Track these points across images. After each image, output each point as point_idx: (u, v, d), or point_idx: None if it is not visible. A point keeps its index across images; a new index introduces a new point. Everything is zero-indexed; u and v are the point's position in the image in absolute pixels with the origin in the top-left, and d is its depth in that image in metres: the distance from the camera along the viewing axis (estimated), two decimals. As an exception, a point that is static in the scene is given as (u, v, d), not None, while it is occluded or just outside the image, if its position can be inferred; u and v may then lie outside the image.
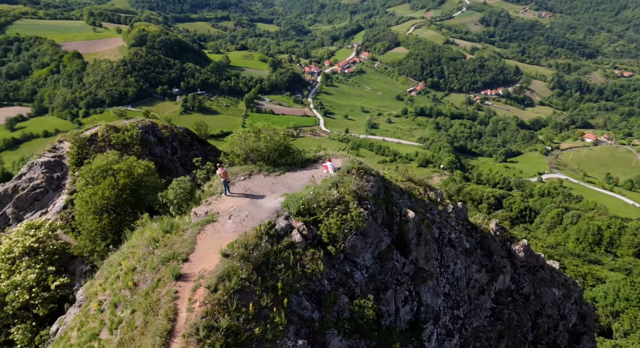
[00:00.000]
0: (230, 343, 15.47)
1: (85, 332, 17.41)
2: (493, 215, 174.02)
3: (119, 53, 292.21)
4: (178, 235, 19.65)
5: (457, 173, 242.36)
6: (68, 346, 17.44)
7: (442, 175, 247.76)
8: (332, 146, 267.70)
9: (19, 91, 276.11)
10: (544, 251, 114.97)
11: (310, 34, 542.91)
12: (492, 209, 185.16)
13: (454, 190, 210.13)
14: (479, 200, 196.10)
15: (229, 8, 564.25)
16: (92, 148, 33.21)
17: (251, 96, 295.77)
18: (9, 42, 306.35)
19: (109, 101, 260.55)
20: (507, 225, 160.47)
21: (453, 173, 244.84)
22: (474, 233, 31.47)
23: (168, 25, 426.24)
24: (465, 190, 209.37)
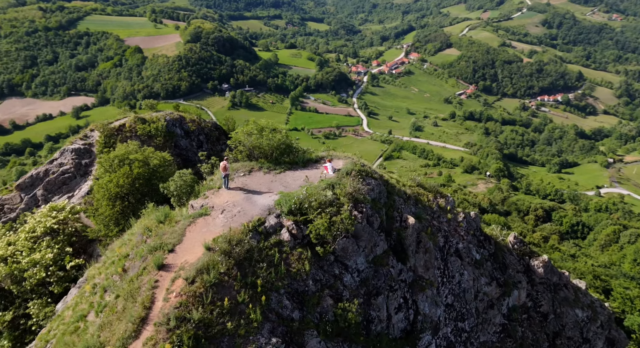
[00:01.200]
0: (200, 336, 15.83)
1: (76, 312, 18.48)
2: (540, 228, 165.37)
3: (175, 49, 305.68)
4: (170, 225, 20.37)
5: (504, 182, 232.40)
6: (61, 324, 18.58)
7: (488, 183, 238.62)
8: (374, 147, 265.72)
9: (86, 82, 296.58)
10: (593, 270, 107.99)
11: (360, 34, 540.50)
12: (539, 222, 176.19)
13: (499, 199, 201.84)
14: (526, 211, 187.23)
15: (281, 7, 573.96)
16: (119, 137, 35.02)
17: (296, 94, 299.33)
18: (79, 36, 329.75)
19: (164, 94, 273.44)
20: (556, 240, 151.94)
21: (500, 181, 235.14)
22: (487, 244, 30.12)
23: (223, 23, 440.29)
24: (510, 200, 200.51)
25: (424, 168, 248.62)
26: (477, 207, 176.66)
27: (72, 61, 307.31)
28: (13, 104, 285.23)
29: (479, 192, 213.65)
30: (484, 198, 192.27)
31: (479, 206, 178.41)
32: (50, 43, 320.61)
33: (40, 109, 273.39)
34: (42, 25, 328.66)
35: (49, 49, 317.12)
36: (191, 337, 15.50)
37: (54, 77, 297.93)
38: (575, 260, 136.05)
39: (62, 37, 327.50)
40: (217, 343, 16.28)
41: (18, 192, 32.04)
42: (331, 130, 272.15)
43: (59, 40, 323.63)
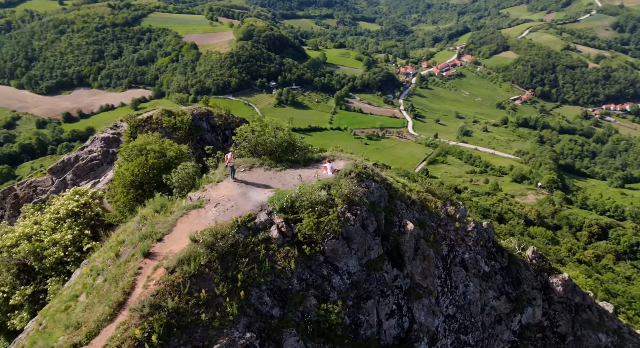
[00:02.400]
0: (172, 324, 16.29)
1: (71, 292, 19.63)
2: (594, 246, 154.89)
3: (228, 46, 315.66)
4: (165, 215, 21.12)
5: (557, 194, 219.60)
6: (57, 302, 19.82)
7: (539, 194, 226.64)
8: (418, 150, 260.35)
9: (145, 76, 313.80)
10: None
11: (412, 34, 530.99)
12: (593, 239, 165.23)
13: (548, 212, 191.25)
14: (579, 227, 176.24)
15: (334, 6, 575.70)
16: (145, 128, 36.68)
17: (342, 93, 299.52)
18: (142, 33, 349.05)
19: (214, 89, 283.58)
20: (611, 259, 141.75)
21: (552, 193, 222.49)
22: (499, 257, 28.66)
23: (275, 21, 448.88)
24: (562, 213, 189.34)
25: (469, 175, 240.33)
26: (523, 219, 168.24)
27: (135, 55, 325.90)
28: (81, 94, 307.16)
29: (528, 203, 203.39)
30: (531, 209, 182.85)
31: (525, 218, 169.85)
32: (116, 38, 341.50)
33: (104, 100, 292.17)
34: (110, 21, 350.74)
35: (114, 43, 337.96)
36: (163, 325, 15.98)
37: (118, 71, 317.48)
38: (630, 283, 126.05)
39: (127, 33, 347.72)
40: (190, 333, 16.68)
41: (50, 175, 34.53)
42: (374, 131, 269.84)
43: (124, 36, 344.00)
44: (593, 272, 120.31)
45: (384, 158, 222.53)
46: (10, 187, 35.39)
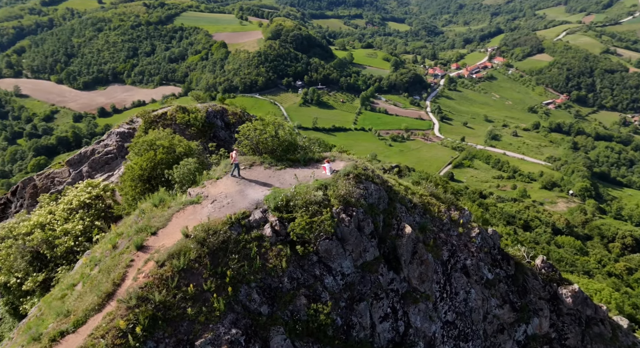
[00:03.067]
0: (158, 317, 16.62)
1: (70, 281, 20.32)
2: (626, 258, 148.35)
3: (257, 45, 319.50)
4: (162, 210, 21.57)
5: (590, 203, 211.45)
6: (57, 290, 20.56)
7: (570, 202, 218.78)
8: (444, 153, 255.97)
9: (175, 73, 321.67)
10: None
11: (442, 35, 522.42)
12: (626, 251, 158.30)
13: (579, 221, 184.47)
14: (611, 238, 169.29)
15: (363, 6, 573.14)
16: (159, 124, 37.55)
17: (367, 94, 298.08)
18: (174, 31, 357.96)
19: (242, 87, 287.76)
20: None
21: (584, 202, 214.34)
22: (504, 265, 27.85)
23: (304, 21, 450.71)
24: (594, 223, 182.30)
25: (496, 180, 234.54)
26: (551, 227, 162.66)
27: (166, 53, 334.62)
28: (115, 90, 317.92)
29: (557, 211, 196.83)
30: (560, 218, 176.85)
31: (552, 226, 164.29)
32: (149, 36, 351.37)
33: (136, 96, 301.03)
34: (144, 20, 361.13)
35: (148, 41, 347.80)
36: (148, 317, 16.32)
37: (150, 68, 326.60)
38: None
39: (160, 31, 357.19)
40: (175, 327, 16.98)
41: (67, 167, 35.88)
42: (399, 133, 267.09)
43: (157, 34, 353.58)
44: (622, 285, 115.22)
45: (407, 160, 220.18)
46: (30, 177, 36.99)
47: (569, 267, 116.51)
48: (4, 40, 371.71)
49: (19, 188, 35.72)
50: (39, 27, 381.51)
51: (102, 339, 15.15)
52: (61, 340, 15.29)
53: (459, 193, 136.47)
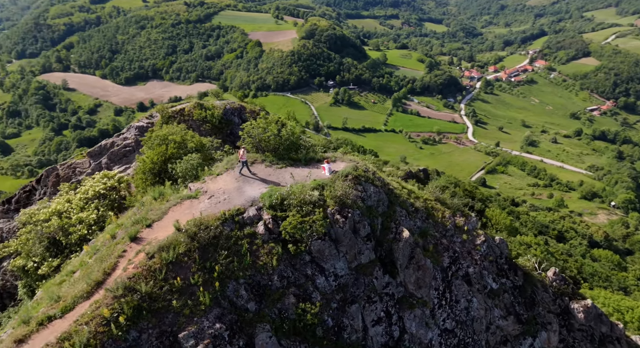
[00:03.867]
0: (143, 307, 17.04)
1: (70, 268, 21.14)
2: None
3: (291, 44, 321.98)
4: (160, 203, 22.08)
5: (634, 216, 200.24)
6: (58, 276, 21.44)
7: (611, 214, 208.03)
8: (477, 158, 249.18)
9: (211, 71, 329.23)
10: None
11: (481, 37, 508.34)
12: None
13: (619, 235, 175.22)
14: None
15: (400, 6, 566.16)
16: (176, 120, 38.46)
17: (400, 95, 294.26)
18: (212, 29, 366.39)
19: (274, 86, 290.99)
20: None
21: (627, 214, 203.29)
22: (511, 275, 26.79)
23: (339, 21, 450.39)
24: (635, 237, 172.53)
25: (531, 188, 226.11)
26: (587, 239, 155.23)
27: (203, 51, 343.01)
28: (154, 85, 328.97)
29: (596, 223, 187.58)
30: (598, 230, 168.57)
31: (589, 238, 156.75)
32: (188, 34, 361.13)
33: (173, 92, 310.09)
34: (184, 18, 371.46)
35: (186, 39, 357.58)
36: (133, 307, 16.75)
37: (187, 65, 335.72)
38: None
39: (199, 29, 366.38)
40: (160, 318, 17.36)
41: (88, 158, 37.37)
42: (431, 135, 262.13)
43: (195, 32, 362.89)
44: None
45: (438, 163, 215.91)
46: (54, 166, 38.78)
47: (602, 282, 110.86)
48: (55, 36, 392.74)
49: (43, 177, 37.56)
50: (87, 24, 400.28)
51: (86, 326, 15.66)
52: (48, 325, 15.91)
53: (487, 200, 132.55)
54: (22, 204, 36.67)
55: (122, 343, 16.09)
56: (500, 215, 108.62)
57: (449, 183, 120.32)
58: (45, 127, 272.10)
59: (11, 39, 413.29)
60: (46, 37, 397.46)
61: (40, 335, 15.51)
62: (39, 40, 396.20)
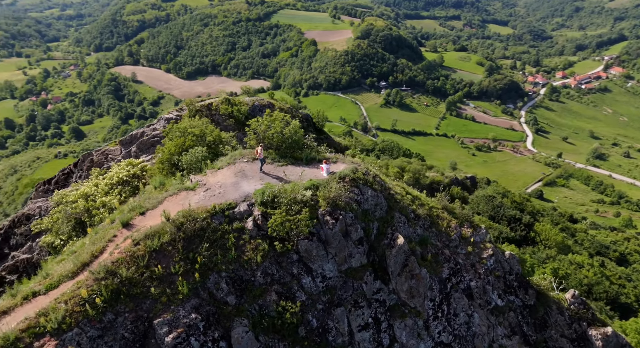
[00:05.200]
0: (122, 291, 17.70)
1: (73, 248, 22.41)
2: None
3: (345, 44, 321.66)
4: (159, 192, 22.82)
5: None
6: (61, 254, 22.80)
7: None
8: (534, 168, 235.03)
9: (266, 68, 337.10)
10: None
11: (550, 40, 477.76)
12: None
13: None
14: None
15: (462, 7, 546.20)
16: (204, 113, 39.68)
17: (455, 99, 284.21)
18: (270, 28, 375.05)
19: (325, 85, 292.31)
20: None
21: None
22: (521, 293, 24.96)
23: (397, 21, 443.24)
24: None
25: (595, 204, 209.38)
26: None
27: (260, 48, 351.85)
28: (212, 81, 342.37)
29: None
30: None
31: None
32: (247, 32, 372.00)
33: (229, 88, 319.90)
34: (245, 16, 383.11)
35: (245, 37, 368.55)
36: (112, 290, 17.44)
37: (244, 62, 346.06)
38: None
39: (257, 27, 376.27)
40: (137, 303, 17.95)
41: (120, 146, 39.54)
42: (485, 142, 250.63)
43: (254, 30, 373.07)
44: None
45: (490, 172, 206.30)
46: (90, 152, 41.45)
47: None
48: (128, 32, 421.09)
49: (80, 161, 40.30)
50: (158, 21, 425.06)
51: (64, 304, 16.51)
52: (32, 300, 16.96)
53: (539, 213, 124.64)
54: (60, 185, 39.56)
55: (97, 323, 16.81)
56: (550, 231, 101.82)
57: (497, 193, 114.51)
58: (114, 116, 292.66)
59: (91, 33, 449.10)
60: (121, 32, 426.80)
61: (23, 309, 16.58)
62: (114, 35, 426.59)
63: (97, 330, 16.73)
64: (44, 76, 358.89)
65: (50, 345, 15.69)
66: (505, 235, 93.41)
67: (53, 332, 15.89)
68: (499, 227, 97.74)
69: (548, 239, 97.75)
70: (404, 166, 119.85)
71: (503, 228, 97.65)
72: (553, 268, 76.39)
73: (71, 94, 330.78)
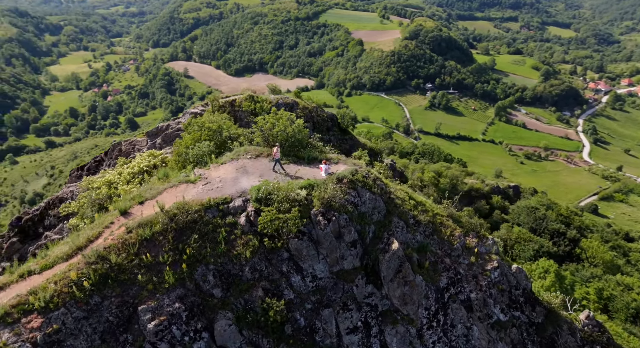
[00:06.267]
0: (110, 276, 18.41)
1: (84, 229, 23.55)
2: None
3: (392, 44, 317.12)
4: (161, 183, 23.50)
5: None
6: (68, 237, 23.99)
7: None
8: (590, 181, 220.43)
9: (311, 67, 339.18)
10: None
11: (617, 45, 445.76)
12: None
13: None
14: None
15: (521, 8, 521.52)
16: (226, 110, 40.52)
17: (505, 104, 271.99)
18: (317, 27, 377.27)
19: (369, 85, 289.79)
20: None
21: None
22: (527, 309, 23.43)
23: (449, 22, 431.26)
24: None
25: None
26: None
27: (307, 47, 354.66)
28: (258, 78, 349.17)
29: None
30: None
31: None
32: (295, 31, 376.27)
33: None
34: (294, 16, 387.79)
35: (293, 36, 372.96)
36: (100, 275, 18.17)
37: (290, 60, 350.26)
38: None
39: (306, 26, 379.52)
40: (124, 289, 18.59)
41: (146, 138, 41.18)
42: (536, 150, 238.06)
43: (302, 29, 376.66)
44: None
45: (539, 182, 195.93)
46: (120, 142, 43.49)
47: None
48: (184, 29, 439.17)
49: (110, 150, 42.40)
50: (211, 19, 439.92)
51: (54, 285, 17.38)
52: (27, 278, 18.00)
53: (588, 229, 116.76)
54: (91, 171, 41.83)
55: (83, 305, 17.58)
56: (599, 248, 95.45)
57: (541, 205, 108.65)
58: (165, 109, 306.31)
59: (150, 30, 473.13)
60: (177, 29, 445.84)
61: (17, 286, 17.63)
62: (171, 31, 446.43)
63: (82, 311, 17.49)
64: (106, 69, 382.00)
65: (36, 322, 16.58)
66: (546, 249, 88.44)
67: (40, 310, 16.79)
68: (539, 240, 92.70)
69: (595, 257, 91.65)
70: (441, 171, 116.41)
71: (544, 241, 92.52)
72: (597, 288, 71.29)
73: (129, 87, 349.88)
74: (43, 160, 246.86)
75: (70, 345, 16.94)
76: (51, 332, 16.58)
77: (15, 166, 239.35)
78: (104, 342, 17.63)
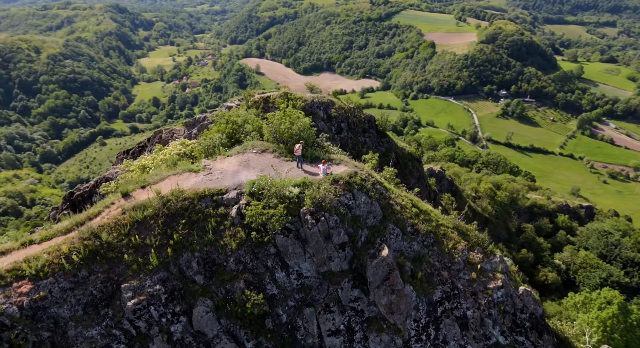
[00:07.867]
0: (99, 252, 19.48)
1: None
2: None
3: (466, 48, 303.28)
4: (167, 170, 24.41)
5: None
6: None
7: None
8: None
9: (379, 68, 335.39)
10: None
11: None
12: None
13: None
14: None
15: (621, 12, 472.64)
16: (261, 105, 41.28)
17: (591, 116, 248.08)
18: (389, 28, 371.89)
19: (437, 89, 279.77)
20: None
21: None
22: (533, 335, 21.12)
23: (533, 26, 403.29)
24: None
25: None
26: None
27: (376, 48, 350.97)
28: (325, 77, 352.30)
29: None
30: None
31: None
32: (366, 31, 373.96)
33: (340, 85, 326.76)
34: (366, 16, 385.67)
35: (363, 36, 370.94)
36: (90, 251, 19.28)
37: (358, 61, 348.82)
38: None
39: (377, 27, 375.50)
40: (111, 266, 19.58)
41: (184, 127, 43.12)
42: (623, 169, 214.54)
43: (373, 30, 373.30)
44: None
45: (624, 205, 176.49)
46: (161, 130, 45.99)
47: None
48: (260, 27, 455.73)
49: (152, 137, 45.02)
50: (286, 17, 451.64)
51: (47, 255, 18.72)
52: (27, 247, 19.56)
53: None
54: (135, 155, 44.74)
55: (70, 277, 18.75)
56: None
57: (615, 229, 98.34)
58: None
59: (229, 27, 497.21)
60: (253, 27, 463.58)
61: (17, 253, 19.22)
62: (247, 29, 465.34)
63: (69, 282, 18.66)
64: (187, 63, 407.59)
65: (26, 288, 17.97)
66: (615, 279, 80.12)
67: (31, 277, 18.16)
68: (608, 268, 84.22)
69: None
70: (501, 183, 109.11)
71: (614, 270, 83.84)
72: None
73: (205, 81, 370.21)
74: (127, 144, 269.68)
75: (54, 312, 18.16)
76: (38, 298, 17.88)
77: (104, 147, 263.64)
78: (85, 313, 18.69)
